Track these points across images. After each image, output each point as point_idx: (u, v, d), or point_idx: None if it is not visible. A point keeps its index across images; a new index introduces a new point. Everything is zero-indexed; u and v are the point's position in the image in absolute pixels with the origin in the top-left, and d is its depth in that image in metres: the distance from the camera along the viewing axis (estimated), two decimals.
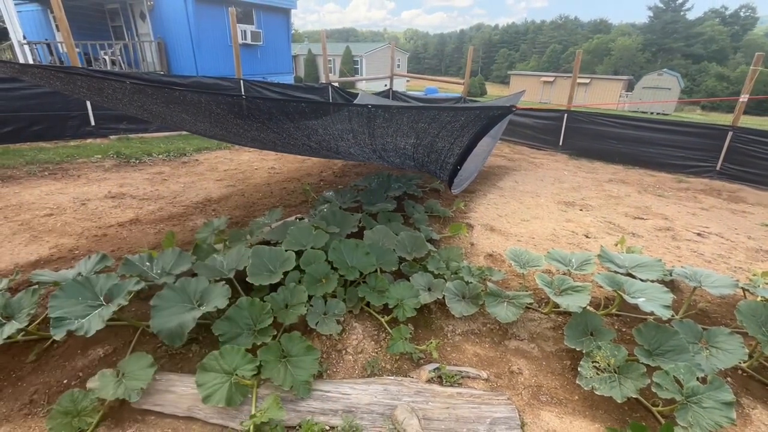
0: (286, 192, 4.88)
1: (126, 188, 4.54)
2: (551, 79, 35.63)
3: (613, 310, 2.60)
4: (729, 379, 2.21)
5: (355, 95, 8.88)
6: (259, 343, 1.98)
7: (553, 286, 2.52)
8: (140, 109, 2.87)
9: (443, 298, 2.58)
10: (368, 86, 27.84)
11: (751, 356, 2.23)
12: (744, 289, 2.80)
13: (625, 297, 2.28)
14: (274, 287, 2.36)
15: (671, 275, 3.02)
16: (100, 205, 3.98)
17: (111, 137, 6.46)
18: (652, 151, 7.62)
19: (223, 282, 2.22)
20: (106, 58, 12.34)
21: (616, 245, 3.72)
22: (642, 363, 1.99)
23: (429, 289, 2.70)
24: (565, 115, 8.28)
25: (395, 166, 4.35)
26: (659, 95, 28.83)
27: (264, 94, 8.59)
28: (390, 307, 2.38)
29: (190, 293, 2.17)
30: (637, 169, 7.56)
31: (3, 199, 3.98)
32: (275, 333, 2.08)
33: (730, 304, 2.90)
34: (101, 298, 2.07)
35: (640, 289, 2.41)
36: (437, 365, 2.16)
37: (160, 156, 6.02)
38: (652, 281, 2.56)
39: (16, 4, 13.03)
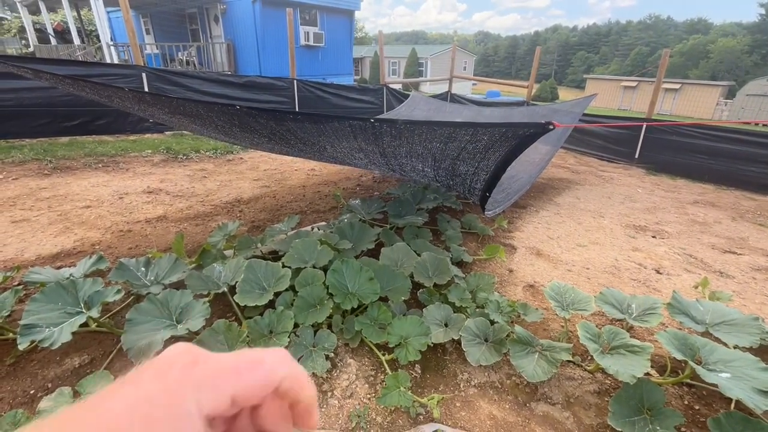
0: (318, 196, 4.69)
1: (165, 184, 4.63)
2: (633, 84, 32.51)
3: (685, 380, 2.00)
4: None
5: (408, 96, 8.55)
6: None
7: (601, 341, 1.99)
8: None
9: (461, 338, 2.16)
10: (432, 88, 27.41)
11: None
12: None
13: (700, 371, 1.70)
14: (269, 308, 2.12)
15: None
16: (135, 200, 4.05)
17: (166, 133, 6.78)
18: (754, 170, 6.38)
19: (205, 299, 2.00)
20: (183, 58, 13.24)
21: (697, 288, 3.01)
22: None
23: (445, 325, 2.29)
24: (644, 124, 7.25)
25: (423, 184, 3.96)
26: None
27: (316, 94, 8.58)
28: (391, 346, 2.01)
29: (172, 308, 1.99)
30: (731, 191, 6.38)
31: (54, 189, 4.22)
32: None
33: None
34: (81, 305, 1.95)
35: (725, 360, 1.80)
36: (437, 427, 1.76)
37: (208, 153, 6.16)
38: (744, 348, 1.93)
39: (113, 11, 14.48)
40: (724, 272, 3.48)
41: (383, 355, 2.08)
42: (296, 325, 2.00)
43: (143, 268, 2.32)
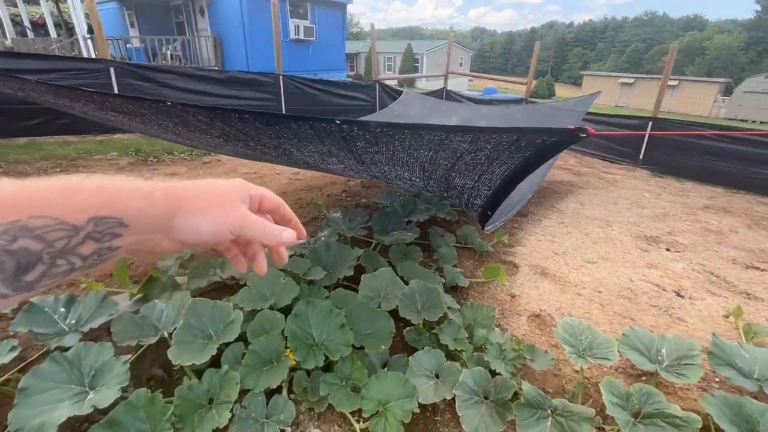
0: (299, 204, 4.25)
1: None
2: (631, 80, 32.23)
3: None
4: None
5: (401, 93, 8.09)
6: None
7: (630, 405, 1.58)
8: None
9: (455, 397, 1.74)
10: (427, 84, 26.95)
11: None
12: None
13: None
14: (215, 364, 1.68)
15: None
16: None
17: (138, 133, 6.29)
18: (766, 173, 6.02)
19: (126, 359, 1.56)
20: (167, 52, 12.67)
21: (728, 317, 2.61)
22: None
23: (437, 376, 1.87)
24: (650, 123, 6.86)
25: (414, 192, 3.53)
26: (766, 101, 24.79)
27: (304, 90, 8.10)
28: (366, 416, 1.59)
29: (84, 369, 1.54)
30: (743, 194, 6.01)
31: None
32: None
33: None
34: None
35: None
36: None
37: (182, 155, 5.68)
38: None
39: (97, 3, 13.84)
40: (751, 294, 3.09)
41: (358, 422, 1.65)
42: (245, 390, 1.56)
43: (63, 309, 1.87)
